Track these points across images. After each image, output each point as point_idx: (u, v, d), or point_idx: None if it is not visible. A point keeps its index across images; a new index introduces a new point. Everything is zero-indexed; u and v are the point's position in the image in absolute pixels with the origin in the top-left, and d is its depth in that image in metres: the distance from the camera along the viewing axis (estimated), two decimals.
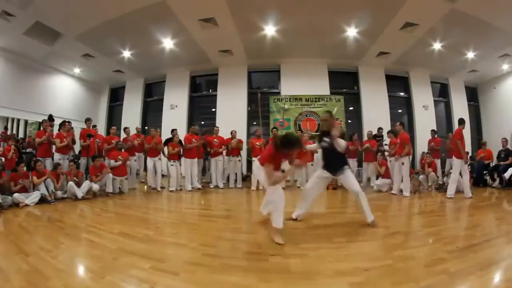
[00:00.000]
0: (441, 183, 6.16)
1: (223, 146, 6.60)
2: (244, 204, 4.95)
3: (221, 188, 6.42)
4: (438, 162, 6.56)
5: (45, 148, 5.40)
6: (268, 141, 6.80)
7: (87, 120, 6.20)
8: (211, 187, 6.42)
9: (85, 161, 5.81)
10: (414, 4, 5.57)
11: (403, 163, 5.38)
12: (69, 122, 6.00)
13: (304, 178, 6.34)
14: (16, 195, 4.17)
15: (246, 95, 9.11)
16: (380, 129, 7.33)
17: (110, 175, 5.34)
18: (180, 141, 6.27)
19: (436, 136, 7.11)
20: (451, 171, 6.00)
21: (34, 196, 4.28)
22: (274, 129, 6.82)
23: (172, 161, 5.99)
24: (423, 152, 7.19)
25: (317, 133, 3.93)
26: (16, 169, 4.50)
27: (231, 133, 6.73)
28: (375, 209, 4.44)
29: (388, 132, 6.70)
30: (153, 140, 6.14)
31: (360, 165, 7.29)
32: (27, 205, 4.14)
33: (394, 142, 5.93)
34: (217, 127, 6.92)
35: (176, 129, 6.46)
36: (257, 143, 6.42)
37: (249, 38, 7.23)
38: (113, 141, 6.08)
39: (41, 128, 5.63)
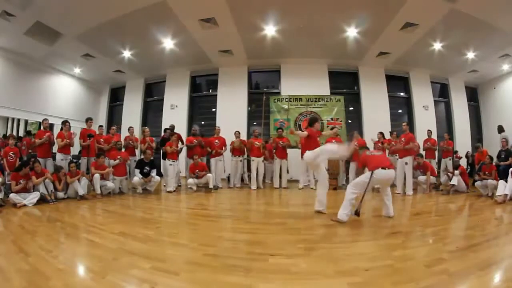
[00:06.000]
0: (436, 182, 6.18)
1: (224, 147, 6.62)
2: (244, 204, 4.95)
3: (221, 188, 6.43)
4: (433, 162, 6.61)
5: (46, 148, 5.41)
6: (272, 141, 6.84)
7: (88, 120, 6.17)
8: (210, 187, 6.43)
9: (85, 161, 5.79)
10: (414, 4, 5.58)
11: (406, 163, 5.40)
12: (67, 121, 5.97)
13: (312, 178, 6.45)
14: (12, 195, 4.16)
15: (246, 95, 9.12)
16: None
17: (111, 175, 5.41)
18: (180, 138, 6.28)
19: (431, 136, 7.15)
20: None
21: (33, 197, 4.25)
22: (280, 129, 6.84)
23: (171, 160, 5.96)
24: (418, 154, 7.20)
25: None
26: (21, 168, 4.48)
27: (235, 133, 6.76)
28: (377, 209, 4.47)
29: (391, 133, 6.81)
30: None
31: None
32: (25, 205, 4.11)
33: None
34: (218, 127, 6.93)
35: (169, 129, 6.50)
36: (256, 143, 6.45)
37: (249, 38, 7.24)
38: (112, 141, 6.07)
39: (41, 128, 5.63)
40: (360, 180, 3.31)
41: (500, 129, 7.93)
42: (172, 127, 6.86)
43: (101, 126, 6.79)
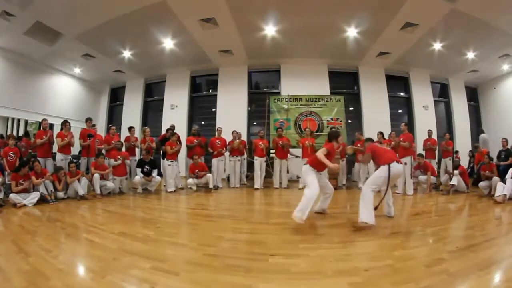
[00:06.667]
0: (436, 182, 6.20)
1: (225, 148, 6.62)
2: (245, 204, 4.95)
3: (221, 188, 6.42)
4: (433, 162, 6.62)
5: (46, 148, 5.41)
6: (273, 141, 6.83)
7: (88, 120, 6.16)
8: (210, 187, 6.42)
9: (85, 161, 5.78)
10: (414, 4, 5.58)
11: (405, 163, 5.36)
12: (67, 121, 5.94)
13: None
14: (12, 195, 4.16)
15: (246, 95, 9.12)
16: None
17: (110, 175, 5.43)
18: (179, 138, 6.28)
19: (432, 136, 7.15)
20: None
21: (33, 197, 4.25)
22: (279, 129, 6.82)
23: (169, 160, 5.92)
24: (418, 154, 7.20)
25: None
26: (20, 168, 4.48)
27: (233, 133, 6.77)
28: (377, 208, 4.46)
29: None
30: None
31: None
32: (25, 205, 4.11)
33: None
34: (220, 127, 6.92)
35: (170, 129, 6.49)
36: (260, 144, 6.47)
37: (249, 38, 7.23)
38: (113, 142, 6.04)
39: (41, 128, 5.63)
40: (377, 176, 3.17)
41: (480, 132, 8.45)
42: (172, 127, 6.87)
43: (93, 125, 6.73)
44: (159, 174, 6.09)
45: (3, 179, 4.52)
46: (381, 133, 6.76)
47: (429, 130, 7.22)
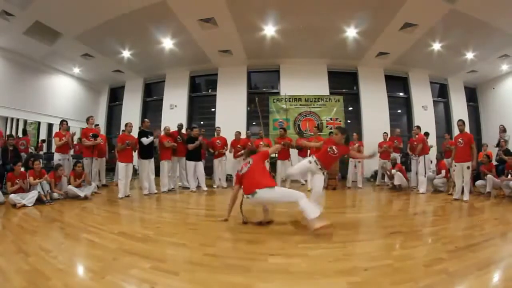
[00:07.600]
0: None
1: (225, 147, 6.58)
2: (245, 204, 4.93)
3: (224, 188, 6.38)
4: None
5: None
6: (276, 142, 6.75)
7: (90, 118, 6.04)
8: (214, 187, 6.41)
9: (87, 162, 5.68)
10: (414, 5, 5.58)
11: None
12: (65, 121, 5.89)
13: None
14: (12, 196, 4.15)
15: (246, 95, 9.12)
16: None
17: None
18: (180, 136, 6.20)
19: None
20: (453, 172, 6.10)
21: (32, 196, 4.23)
22: (282, 130, 6.72)
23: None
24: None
25: None
26: (13, 168, 4.48)
27: (236, 134, 6.73)
28: (376, 208, 4.48)
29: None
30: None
31: None
32: (25, 205, 4.09)
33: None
34: (219, 127, 6.89)
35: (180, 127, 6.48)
36: (261, 143, 6.42)
37: (248, 38, 7.24)
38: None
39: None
40: None
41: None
42: (180, 126, 6.66)
43: (97, 125, 6.66)
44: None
45: None
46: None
47: (426, 132, 7.03)
